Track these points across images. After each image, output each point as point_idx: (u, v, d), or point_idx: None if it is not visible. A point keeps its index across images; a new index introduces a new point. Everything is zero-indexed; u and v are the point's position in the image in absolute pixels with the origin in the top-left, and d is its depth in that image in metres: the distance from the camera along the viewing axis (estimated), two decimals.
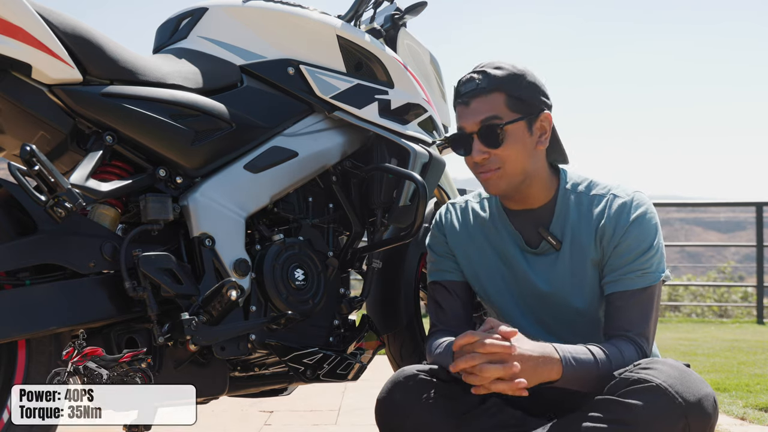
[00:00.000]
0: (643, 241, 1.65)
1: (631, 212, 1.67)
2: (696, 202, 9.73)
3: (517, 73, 1.67)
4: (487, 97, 1.66)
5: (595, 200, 1.72)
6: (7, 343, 1.54)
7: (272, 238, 1.88)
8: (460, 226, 1.85)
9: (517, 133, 1.66)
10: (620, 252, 1.66)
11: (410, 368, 1.73)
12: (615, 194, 1.71)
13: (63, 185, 1.49)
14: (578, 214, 1.72)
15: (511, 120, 1.65)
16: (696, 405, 1.45)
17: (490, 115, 1.65)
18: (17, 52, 1.55)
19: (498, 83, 1.65)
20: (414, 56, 2.46)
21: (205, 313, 1.67)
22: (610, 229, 1.67)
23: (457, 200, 1.91)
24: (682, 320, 8.45)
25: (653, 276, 1.65)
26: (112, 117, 1.69)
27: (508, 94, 1.65)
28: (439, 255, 1.87)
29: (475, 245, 1.82)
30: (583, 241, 1.70)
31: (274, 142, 1.94)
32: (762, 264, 7.70)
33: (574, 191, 1.74)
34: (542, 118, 1.69)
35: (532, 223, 1.76)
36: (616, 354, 1.58)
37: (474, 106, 1.67)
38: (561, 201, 1.74)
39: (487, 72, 1.67)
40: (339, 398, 3.31)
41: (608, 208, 1.69)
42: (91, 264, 1.62)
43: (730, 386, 3.45)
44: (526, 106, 1.67)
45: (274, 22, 2.03)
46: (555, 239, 1.72)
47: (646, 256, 1.65)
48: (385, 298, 2.37)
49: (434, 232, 1.90)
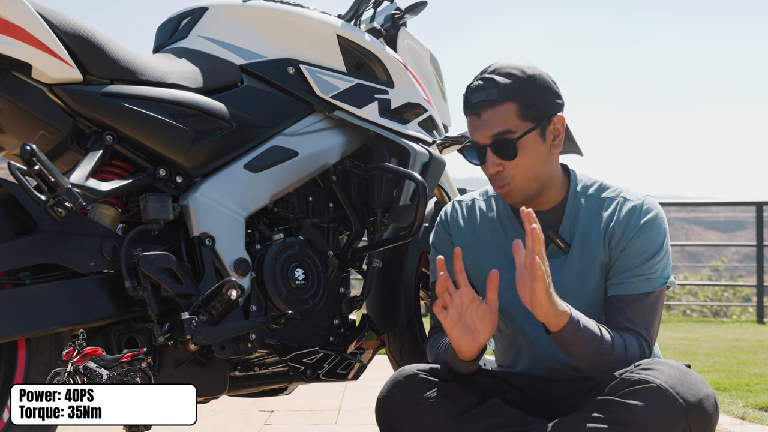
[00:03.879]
0: (652, 245, 1.65)
1: (641, 216, 1.66)
2: (696, 202, 9.74)
3: (526, 79, 1.63)
4: (499, 107, 1.62)
5: (606, 203, 1.71)
6: (7, 343, 1.54)
7: (272, 237, 1.88)
8: (466, 224, 1.84)
9: (530, 144, 1.64)
10: (628, 255, 1.65)
11: (410, 368, 1.72)
12: (625, 197, 1.70)
13: (63, 185, 1.49)
14: (588, 217, 1.71)
15: (524, 132, 1.63)
16: (697, 405, 1.45)
17: (502, 129, 1.62)
18: (17, 51, 1.55)
19: (509, 93, 1.62)
20: (414, 56, 2.46)
21: (205, 313, 1.67)
22: (619, 232, 1.66)
23: (463, 198, 1.89)
24: (683, 320, 8.45)
25: (657, 281, 1.64)
26: (112, 116, 1.69)
27: (519, 104, 1.62)
28: (443, 254, 1.86)
29: (480, 244, 1.81)
30: (592, 242, 1.69)
31: (274, 142, 1.94)
32: (762, 263, 7.70)
33: (584, 194, 1.73)
34: (555, 121, 1.67)
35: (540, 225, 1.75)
36: (620, 342, 1.58)
37: (485, 118, 1.64)
38: (571, 203, 1.72)
39: (496, 81, 1.63)
40: (339, 398, 3.31)
41: (618, 211, 1.68)
42: (92, 263, 1.62)
43: (730, 386, 3.45)
44: (538, 113, 1.64)
45: (274, 21, 2.03)
46: (563, 242, 1.71)
47: (653, 261, 1.64)
48: (385, 297, 2.37)
49: (438, 230, 1.87)
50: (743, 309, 9.62)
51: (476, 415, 1.65)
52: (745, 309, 9.56)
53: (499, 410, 1.66)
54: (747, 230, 55.86)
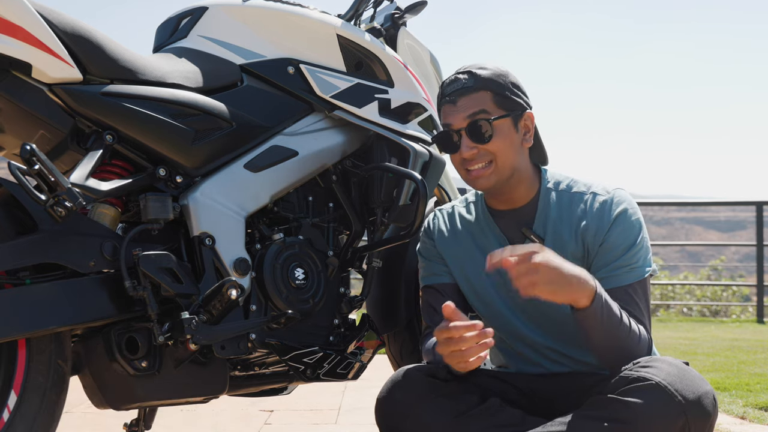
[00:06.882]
0: (628, 237, 1.67)
1: (612, 210, 1.69)
2: (696, 202, 9.73)
3: (501, 73, 1.72)
4: (474, 95, 1.69)
5: (575, 197, 1.74)
6: (7, 343, 1.54)
7: (272, 237, 1.88)
8: (448, 231, 1.88)
9: (504, 129, 1.70)
10: (606, 249, 1.68)
11: (410, 368, 1.73)
12: (595, 192, 1.73)
13: (63, 184, 1.49)
14: (559, 212, 1.74)
15: (499, 116, 1.69)
16: (695, 403, 1.45)
17: (477, 110, 1.68)
18: (17, 51, 1.55)
19: (484, 82, 1.70)
20: (414, 55, 2.46)
21: (205, 313, 1.67)
22: (593, 228, 1.69)
23: (444, 206, 1.95)
24: (682, 319, 8.46)
25: (641, 270, 1.67)
26: (112, 116, 1.69)
27: (494, 92, 1.69)
28: (429, 260, 1.89)
29: (463, 248, 1.84)
30: (564, 237, 1.72)
31: (274, 142, 1.94)
32: (762, 263, 7.71)
33: (556, 189, 1.77)
34: (526, 116, 1.74)
35: (515, 223, 1.78)
36: (636, 327, 1.59)
37: (461, 104, 1.70)
38: (543, 199, 1.76)
39: (472, 72, 1.71)
40: (339, 397, 3.31)
41: (590, 207, 1.71)
42: (92, 263, 1.62)
43: (730, 385, 3.45)
44: (511, 104, 1.71)
45: (274, 21, 2.03)
46: (538, 237, 1.74)
47: (632, 251, 1.67)
48: (385, 297, 2.38)
49: (423, 239, 1.92)
50: (743, 309, 9.62)
51: (476, 415, 1.65)
52: (745, 309, 9.56)
53: (498, 410, 1.66)
54: (747, 230, 55.77)
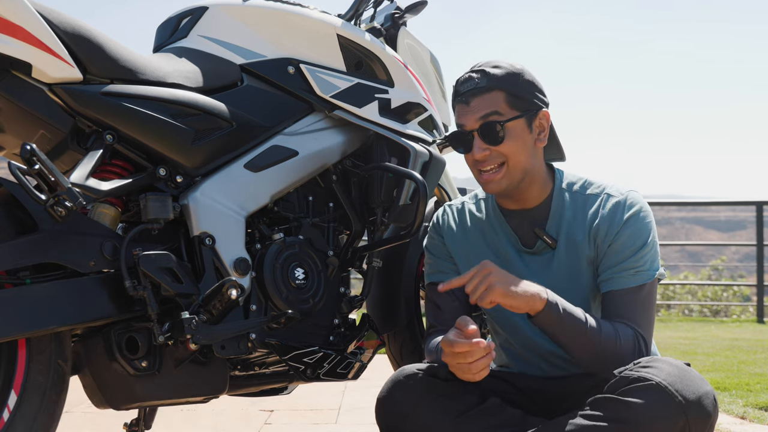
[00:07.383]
0: (637, 239, 1.67)
1: (625, 211, 1.68)
2: (696, 201, 9.72)
3: (515, 72, 1.69)
4: (487, 95, 1.67)
5: (590, 199, 1.73)
6: (7, 343, 1.54)
7: (272, 237, 1.88)
8: (457, 227, 1.86)
9: (517, 130, 1.68)
10: (614, 250, 1.67)
11: (410, 367, 1.73)
12: (609, 193, 1.72)
13: (63, 184, 1.49)
14: (573, 213, 1.73)
15: (512, 117, 1.67)
16: (696, 403, 1.45)
17: (490, 111, 1.67)
18: (17, 51, 1.54)
19: (497, 82, 1.67)
20: (414, 55, 2.46)
21: (205, 312, 1.67)
22: (604, 228, 1.68)
23: (453, 202, 1.93)
24: (682, 319, 8.46)
25: (647, 274, 1.66)
26: (113, 116, 1.69)
27: (507, 92, 1.67)
28: (437, 256, 1.89)
29: (472, 246, 1.83)
30: (577, 239, 1.71)
31: (274, 141, 1.94)
32: (762, 263, 7.70)
33: (570, 190, 1.76)
34: (541, 116, 1.71)
35: (528, 223, 1.77)
36: (609, 328, 1.59)
37: (474, 104, 1.68)
38: (556, 200, 1.74)
39: (486, 71, 1.69)
40: (339, 397, 3.31)
41: (602, 207, 1.71)
42: (92, 263, 1.61)
43: (730, 385, 3.45)
44: (525, 104, 1.69)
45: (274, 21, 2.03)
46: (550, 238, 1.73)
47: (640, 254, 1.66)
48: (385, 297, 2.38)
49: (431, 234, 1.91)
50: (743, 308, 9.62)
51: (476, 415, 1.65)
52: (745, 308, 9.56)
53: (498, 410, 1.66)
54: (747, 230, 55.75)
